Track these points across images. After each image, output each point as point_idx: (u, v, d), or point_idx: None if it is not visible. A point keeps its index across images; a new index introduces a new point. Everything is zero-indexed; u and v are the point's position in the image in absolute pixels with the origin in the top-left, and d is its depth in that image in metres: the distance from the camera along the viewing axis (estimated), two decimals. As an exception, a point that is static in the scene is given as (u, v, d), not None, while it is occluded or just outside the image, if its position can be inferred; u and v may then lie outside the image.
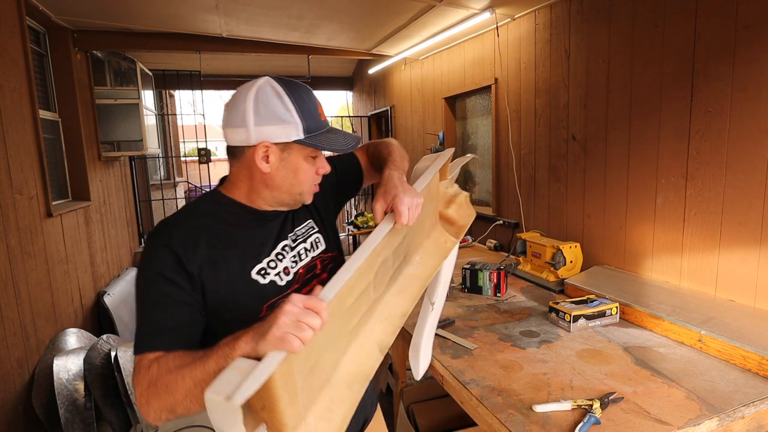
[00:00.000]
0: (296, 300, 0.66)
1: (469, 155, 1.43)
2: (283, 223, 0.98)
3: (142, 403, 0.74)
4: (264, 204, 0.95)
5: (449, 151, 1.17)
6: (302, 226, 1.02)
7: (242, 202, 0.94)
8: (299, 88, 0.89)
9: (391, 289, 0.97)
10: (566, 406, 1.21)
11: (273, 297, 0.92)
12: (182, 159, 7.69)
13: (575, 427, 1.12)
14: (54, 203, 3.00)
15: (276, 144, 0.87)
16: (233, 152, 0.91)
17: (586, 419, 1.14)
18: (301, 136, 0.86)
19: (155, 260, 0.84)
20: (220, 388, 0.57)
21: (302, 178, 0.92)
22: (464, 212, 1.19)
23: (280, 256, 0.95)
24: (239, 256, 0.90)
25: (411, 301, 0.98)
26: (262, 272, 0.92)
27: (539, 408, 1.21)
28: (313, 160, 0.93)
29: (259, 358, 0.62)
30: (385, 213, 0.90)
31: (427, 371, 1.56)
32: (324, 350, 0.75)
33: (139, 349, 0.79)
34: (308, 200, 0.98)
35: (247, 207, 0.94)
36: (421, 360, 1.28)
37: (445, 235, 1.15)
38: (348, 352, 0.83)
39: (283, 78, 0.89)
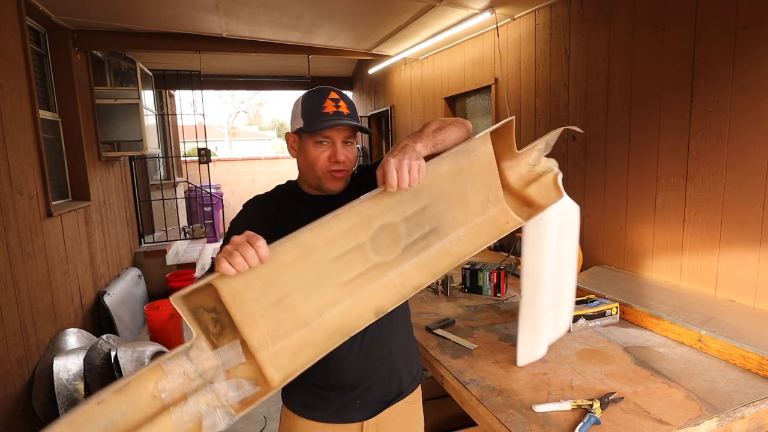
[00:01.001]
0: (243, 234, 0.81)
1: (575, 127, 1.24)
2: (327, 204, 1.15)
3: None
4: (309, 188, 1.18)
5: (506, 121, 1.06)
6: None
7: (301, 186, 1.20)
8: (315, 91, 1.11)
9: (413, 260, 0.96)
10: (566, 406, 1.21)
11: None
12: (182, 159, 7.67)
13: (575, 427, 1.11)
14: (54, 203, 3.00)
15: (294, 134, 1.13)
16: None
17: (586, 419, 1.14)
18: (301, 124, 1.08)
19: (237, 216, 1.18)
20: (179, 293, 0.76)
21: (312, 161, 1.10)
22: (547, 193, 1.07)
23: None
24: (291, 223, 1.10)
25: (431, 276, 0.96)
26: None
27: (539, 408, 1.21)
28: (321, 145, 1.08)
29: None
30: None
31: (427, 372, 1.56)
32: (294, 290, 0.86)
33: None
34: (330, 186, 1.12)
35: (302, 189, 1.20)
36: (519, 349, 1.42)
37: (509, 215, 1.05)
38: (339, 305, 0.90)
39: (318, 87, 1.12)
